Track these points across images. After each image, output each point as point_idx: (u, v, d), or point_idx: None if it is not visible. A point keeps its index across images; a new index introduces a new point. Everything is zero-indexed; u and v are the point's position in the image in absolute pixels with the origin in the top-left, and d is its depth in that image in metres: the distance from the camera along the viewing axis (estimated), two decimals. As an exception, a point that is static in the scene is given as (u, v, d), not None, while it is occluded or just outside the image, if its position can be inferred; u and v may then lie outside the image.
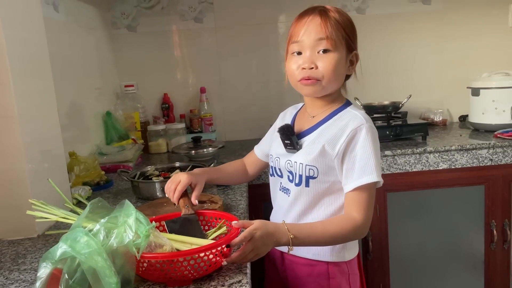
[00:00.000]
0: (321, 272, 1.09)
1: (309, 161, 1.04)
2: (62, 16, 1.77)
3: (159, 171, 1.59)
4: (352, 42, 1.05)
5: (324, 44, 1.01)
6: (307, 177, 1.05)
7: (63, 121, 1.58)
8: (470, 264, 2.00)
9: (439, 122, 2.41)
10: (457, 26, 2.42)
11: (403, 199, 1.94)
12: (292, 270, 1.13)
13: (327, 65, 1.02)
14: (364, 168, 0.99)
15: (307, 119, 1.13)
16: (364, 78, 1.14)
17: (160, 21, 2.39)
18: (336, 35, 1.01)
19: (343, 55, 1.03)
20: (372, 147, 1.00)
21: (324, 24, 1.00)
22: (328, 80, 1.04)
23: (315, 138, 1.07)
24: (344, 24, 1.02)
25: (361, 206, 0.99)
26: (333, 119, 1.07)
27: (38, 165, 1.21)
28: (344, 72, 1.06)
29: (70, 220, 0.90)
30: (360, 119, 1.03)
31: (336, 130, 1.04)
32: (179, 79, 2.47)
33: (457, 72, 2.44)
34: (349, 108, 1.09)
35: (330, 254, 1.08)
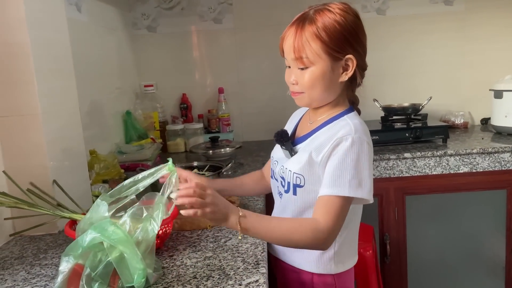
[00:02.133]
0: (305, 280, 1.07)
1: (297, 170, 1.02)
2: (85, 17, 1.80)
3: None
4: (339, 49, 0.97)
5: (298, 63, 0.99)
6: (294, 185, 1.03)
7: (84, 120, 1.61)
8: (490, 270, 1.96)
9: (460, 125, 2.37)
10: (479, 27, 2.38)
11: (422, 202, 1.91)
12: (282, 274, 1.14)
13: (304, 81, 1.00)
14: (338, 179, 0.93)
15: (306, 125, 1.11)
16: (384, 80, 1.09)
17: (180, 22, 2.41)
18: (310, 50, 0.96)
19: (326, 66, 0.97)
20: (354, 160, 0.94)
21: (295, 42, 0.97)
22: (309, 93, 1.01)
23: (306, 145, 1.05)
24: (325, 33, 0.95)
25: (328, 213, 0.93)
26: (326, 127, 1.04)
27: (60, 162, 1.24)
28: (332, 82, 1.00)
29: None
30: (349, 129, 0.97)
31: (324, 138, 1.00)
32: (197, 80, 2.49)
33: (479, 74, 2.39)
34: (345, 117, 1.03)
35: (316, 266, 1.05)
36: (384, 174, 1.86)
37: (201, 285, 0.84)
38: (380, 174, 1.85)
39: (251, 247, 1.02)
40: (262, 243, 1.04)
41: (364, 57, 1.02)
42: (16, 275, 0.95)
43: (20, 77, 1.13)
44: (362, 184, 0.94)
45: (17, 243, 1.15)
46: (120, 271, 0.77)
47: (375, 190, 1.02)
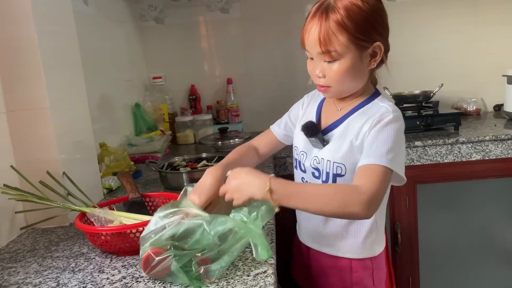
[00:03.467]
0: (344, 266, 1.07)
1: (337, 159, 1.00)
2: (92, 10, 1.80)
3: (186, 162, 1.61)
4: (366, 37, 0.93)
5: (325, 57, 0.95)
6: (334, 175, 1.01)
7: (93, 112, 1.61)
8: (504, 258, 1.94)
9: (473, 112, 2.33)
10: (492, 11, 2.32)
11: (434, 191, 1.89)
12: (316, 260, 1.13)
13: (333, 75, 0.97)
14: (376, 149, 0.92)
15: (333, 112, 1.08)
16: (394, 67, 1.08)
17: (187, 12, 2.40)
18: (338, 43, 0.92)
19: (354, 57, 0.95)
20: (392, 134, 0.93)
21: (321, 35, 0.92)
22: (338, 87, 1.00)
23: (342, 132, 1.02)
24: (351, 23, 0.91)
25: (368, 177, 0.89)
26: (359, 111, 1.02)
27: (70, 155, 1.25)
28: (361, 71, 0.99)
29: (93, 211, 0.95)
30: (386, 109, 0.98)
31: (362, 123, 0.99)
32: (206, 71, 2.48)
33: (491, 59, 2.34)
34: (376, 100, 1.03)
35: (360, 251, 1.06)
36: (395, 163, 1.84)
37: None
38: (390, 163, 1.84)
39: (259, 237, 1.01)
40: (271, 234, 1.04)
41: (388, 38, 0.99)
42: (28, 267, 0.96)
43: (27, 71, 1.13)
44: (398, 160, 0.93)
45: (29, 236, 1.16)
46: None
47: None
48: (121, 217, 1.02)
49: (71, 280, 0.88)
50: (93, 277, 0.89)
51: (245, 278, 0.82)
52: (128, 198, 1.15)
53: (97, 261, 0.96)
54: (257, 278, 0.82)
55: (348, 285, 1.08)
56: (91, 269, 0.93)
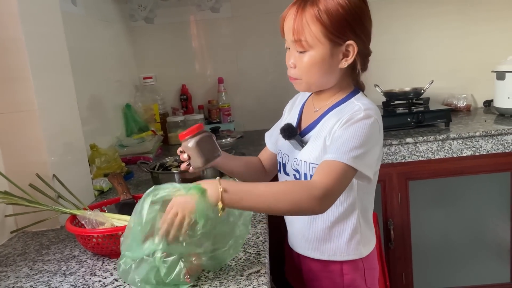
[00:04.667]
0: (334, 269, 1.06)
1: (313, 159, 0.99)
2: (80, 10, 1.78)
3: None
4: (340, 34, 0.93)
5: (297, 46, 0.95)
6: (311, 176, 0.99)
7: (83, 114, 1.60)
8: (496, 252, 1.96)
9: (463, 108, 2.35)
10: (480, 8, 2.34)
11: (425, 187, 1.90)
12: (306, 265, 1.11)
13: (302, 65, 0.97)
14: (341, 146, 0.90)
15: (312, 113, 1.07)
16: (385, 64, 1.07)
17: (177, 12, 2.39)
18: (310, 34, 0.92)
19: (325, 51, 0.94)
20: (359, 132, 0.91)
21: (295, 23, 0.93)
22: (307, 79, 0.99)
23: (317, 132, 1.01)
24: (326, 16, 0.91)
25: (325, 173, 0.87)
26: (334, 111, 1.00)
27: (60, 157, 1.23)
28: (331, 67, 0.96)
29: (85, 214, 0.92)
30: (359, 107, 0.95)
31: (334, 121, 0.97)
32: (197, 70, 2.47)
33: (481, 55, 2.36)
34: (353, 99, 1.00)
35: (346, 253, 1.05)
36: (387, 160, 1.85)
37: (202, 276, 0.84)
38: (382, 160, 1.84)
39: (252, 237, 1.01)
40: (264, 233, 1.04)
41: (367, 43, 0.98)
42: (19, 271, 0.95)
43: (15, 73, 1.12)
44: (364, 158, 0.90)
45: (20, 239, 1.15)
46: None
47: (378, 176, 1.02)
48: (113, 219, 1.02)
49: (63, 284, 0.87)
50: (85, 280, 0.88)
51: (238, 277, 0.82)
52: (120, 200, 1.14)
53: (88, 264, 0.96)
54: (250, 277, 0.82)
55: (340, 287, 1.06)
56: (83, 272, 0.92)
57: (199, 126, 0.97)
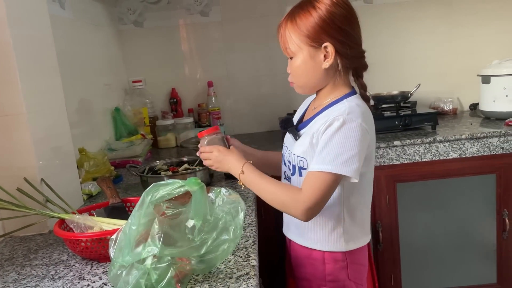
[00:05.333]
0: (317, 257, 1.13)
1: (300, 153, 1.09)
2: (69, 13, 1.78)
3: (167, 166, 1.60)
4: (317, 38, 1.03)
5: (286, 53, 1.10)
6: (299, 168, 1.10)
7: (72, 118, 1.59)
8: (482, 254, 1.98)
9: (449, 111, 2.39)
10: (466, 12, 2.38)
11: (413, 189, 1.92)
12: (294, 251, 1.20)
13: (291, 70, 1.11)
14: (326, 156, 0.98)
15: (311, 110, 1.16)
16: (372, 68, 1.12)
17: (166, 15, 2.39)
18: (292, 42, 1.06)
19: (305, 56, 1.05)
20: (341, 139, 0.98)
21: (281, 35, 1.09)
22: (298, 82, 1.11)
23: (308, 129, 1.10)
24: (303, 24, 1.03)
25: (311, 186, 0.98)
26: (327, 111, 1.08)
27: (48, 161, 1.23)
28: (315, 69, 1.06)
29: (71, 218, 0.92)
30: (343, 110, 1.02)
31: (322, 121, 1.04)
32: (186, 74, 2.47)
33: (466, 59, 2.40)
34: (345, 100, 1.07)
35: (326, 244, 1.11)
36: (375, 163, 1.86)
37: (191, 280, 0.84)
38: (370, 162, 1.86)
39: (242, 240, 1.02)
40: (253, 236, 1.04)
41: (351, 43, 1.05)
42: (6, 276, 0.95)
43: (3, 76, 1.11)
44: (349, 163, 0.97)
45: (7, 244, 1.14)
46: None
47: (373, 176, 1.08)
48: (102, 223, 1.02)
49: (51, 288, 0.87)
50: (74, 284, 0.87)
51: (227, 280, 0.83)
52: (109, 204, 1.14)
53: (77, 268, 0.95)
54: (239, 280, 0.83)
55: (322, 276, 1.13)
56: (71, 276, 0.91)
57: (215, 128, 1.20)
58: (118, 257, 0.77)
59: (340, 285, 1.12)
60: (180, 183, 0.79)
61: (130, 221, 0.78)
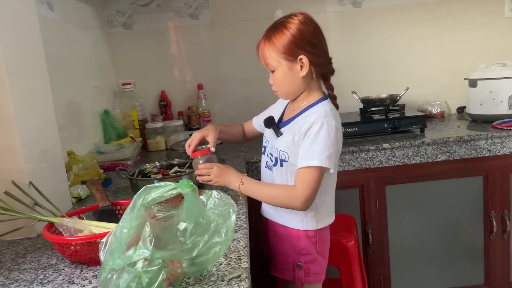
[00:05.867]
0: (293, 234, 1.32)
1: (283, 148, 1.27)
2: (57, 15, 1.76)
3: (157, 169, 1.59)
4: (292, 53, 1.20)
5: (267, 68, 1.27)
6: (281, 160, 1.28)
7: (60, 120, 1.58)
8: (470, 255, 2.01)
9: (437, 114, 2.41)
10: (453, 17, 2.42)
11: (402, 191, 1.94)
12: (273, 230, 1.38)
13: (274, 82, 1.28)
14: (312, 153, 1.16)
15: (290, 112, 1.35)
16: (362, 72, 1.16)
17: (156, 18, 2.39)
18: (271, 58, 1.23)
19: (285, 68, 1.23)
20: (322, 138, 1.17)
21: (262, 53, 1.25)
22: (281, 90, 1.29)
23: (289, 128, 1.29)
24: (279, 42, 1.20)
25: (304, 182, 1.17)
26: (304, 113, 1.27)
27: (37, 164, 1.21)
28: (294, 78, 1.24)
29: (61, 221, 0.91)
30: (321, 114, 1.20)
31: (302, 122, 1.23)
32: (176, 76, 2.47)
33: (454, 63, 2.44)
34: (319, 104, 1.26)
35: (301, 224, 1.30)
36: (364, 165, 1.88)
37: (183, 282, 0.84)
38: (360, 165, 1.87)
39: (233, 242, 1.02)
40: (244, 238, 1.04)
41: (319, 54, 1.23)
42: (-6, 281, 0.93)
43: (-10, 78, 1.10)
44: (330, 157, 1.17)
45: (-5, 248, 1.12)
46: None
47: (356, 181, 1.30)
48: (91, 226, 1.01)
49: (40, 293, 0.86)
50: (63, 288, 0.86)
51: (219, 283, 0.83)
52: (98, 207, 1.13)
53: (66, 272, 0.94)
54: (231, 282, 0.82)
55: (298, 250, 1.32)
56: (61, 280, 0.90)
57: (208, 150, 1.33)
58: (109, 260, 0.76)
59: (312, 258, 1.32)
60: (172, 186, 0.78)
61: (121, 224, 0.77)
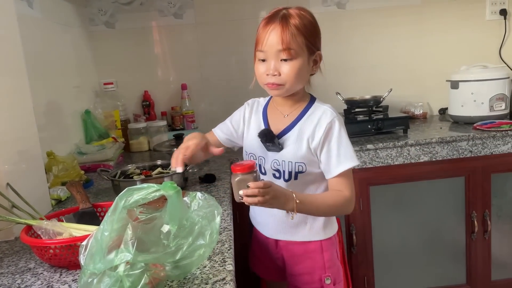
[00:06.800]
0: (315, 248, 1.22)
1: (298, 159, 1.14)
2: (37, 13, 1.72)
3: (140, 170, 1.56)
4: (314, 45, 1.11)
5: (285, 54, 1.07)
6: (296, 172, 1.16)
7: (40, 120, 1.54)
8: (452, 255, 2.03)
9: (420, 115, 2.44)
10: (436, 20, 2.45)
11: (385, 192, 1.95)
12: (287, 250, 1.26)
13: (289, 72, 1.09)
14: (345, 155, 1.12)
15: (281, 119, 1.20)
16: (345, 73, 1.17)
17: (139, 17, 2.35)
18: (296, 43, 1.07)
19: (305, 59, 1.10)
20: (345, 136, 1.13)
21: (284, 35, 1.06)
22: (291, 84, 1.11)
23: (297, 136, 1.15)
24: (305, 29, 1.07)
25: (348, 185, 1.13)
26: (306, 115, 1.17)
27: (14, 166, 1.18)
28: (307, 74, 1.14)
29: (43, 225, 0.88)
30: (331, 112, 1.15)
31: (313, 125, 1.14)
32: (159, 76, 2.44)
33: (436, 65, 2.47)
34: (316, 103, 1.19)
35: (324, 233, 1.22)
36: (349, 166, 1.88)
37: (166, 286, 0.82)
38: (344, 166, 1.88)
39: (217, 245, 1.00)
40: (229, 240, 1.03)
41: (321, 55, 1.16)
42: (-31, 286, 0.90)
43: (-34, 77, 1.06)
44: (354, 154, 1.14)
45: (-30, 252, 1.09)
46: None
47: None
48: (71, 229, 0.98)
49: (17, 298, 0.83)
50: (41, 293, 0.84)
51: (203, 286, 0.81)
52: (79, 209, 1.10)
53: (45, 276, 0.91)
54: (215, 285, 0.81)
55: (321, 265, 1.22)
56: (39, 285, 0.88)
57: (250, 166, 0.98)
58: (89, 264, 0.74)
59: (336, 269, 1.25)
60: (155, 187, 0.77)
61: (102, 226, 0.75)
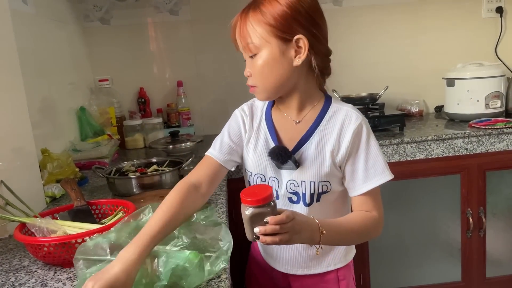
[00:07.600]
0: (330, 278, 1.08)
1: (322, 177, 0.95)
2: (31, 9, 1.71)
3: (135, 167, 1.56)
4: (288, 30, 0.88)
5: (246, 50, 0.93)
6: (320, 194, 0.97)
7: (34, 117, 1.53)
8: (447, 252, 2.04)
9: (416, 113, 2.44)
10: (432, 17, 2.45)
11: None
12: (299, 284, 1.10)
13: (254, 70, 0.93)
14: (375, 168, 0.94)
15: (291, 126, 0.99)
16: (342, 70, 1.10)
17: (135, 13, 2.34)
18: (255, 35, 0.89)
19: (274, 50, 0.89)
20: (375, 144, 0.95)
21: (240, 29, 0.92)
22: (263, 83, 0.94)
23: (317, 148, 0.95)
24: (269, 15, 0.88)
25: (376, 204, 0.97)
26: (325, 120, 0.96)
27: (8, 163, 1.17)
28: (284, 66, 0.91)
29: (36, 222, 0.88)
30: (355, 115, 0.96)
31: (335, 133, 0.95)
32: (155, 73, 2.43)
33: (432, 63, 2.47)
34: (334, 104, 0.98)
35: (344, 260, 1.09)
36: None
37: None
38: (340, 163, 1.88)
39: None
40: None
41: (321, 39, 0.92)
42: (-38, 284, 0.89)
43: (-42, 73, 1.05)
44: (386, 166, 0.97)
45: (-37, 250, 1.08)
46: None
47: None
48: (66, 227, 0.97)
49: (11, 296, 0.82)
50: (35, 291, 0.83)
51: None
52: (73, 206, 1.10)
53: (39, 274, 0.91)
54: (211, 283, 0.81)
55: None
56: (33, 283, 0.87)
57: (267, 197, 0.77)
58: None
59: None
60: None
61: None
